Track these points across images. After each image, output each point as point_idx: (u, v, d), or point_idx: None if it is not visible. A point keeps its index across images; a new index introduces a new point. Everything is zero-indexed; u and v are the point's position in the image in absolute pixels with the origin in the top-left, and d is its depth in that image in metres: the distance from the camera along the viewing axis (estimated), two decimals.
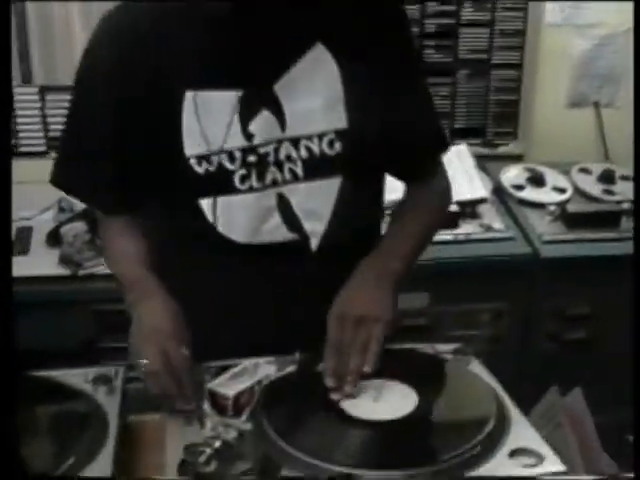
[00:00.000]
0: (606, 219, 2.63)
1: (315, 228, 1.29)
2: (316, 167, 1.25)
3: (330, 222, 1.29)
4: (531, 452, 1.02)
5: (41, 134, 2.70)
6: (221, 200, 1.25)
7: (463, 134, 2.97)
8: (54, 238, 2.30)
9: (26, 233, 2.37)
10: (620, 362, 2.47)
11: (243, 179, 1.24)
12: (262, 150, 1.24)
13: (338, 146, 1.25)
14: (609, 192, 2.75)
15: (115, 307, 2.08)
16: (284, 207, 1.27)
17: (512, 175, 2.79)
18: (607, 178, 2.79)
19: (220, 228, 1.26)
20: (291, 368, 1.19)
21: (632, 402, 1.83)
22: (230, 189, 1.24)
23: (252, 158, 1.23)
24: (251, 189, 1.24)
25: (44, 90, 2.68)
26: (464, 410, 1.11)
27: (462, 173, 2.67)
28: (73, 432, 1.06)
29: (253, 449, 0.97)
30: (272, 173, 1.25)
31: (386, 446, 1.04)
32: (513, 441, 1.04)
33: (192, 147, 1.22)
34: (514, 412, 1.11)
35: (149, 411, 1.18)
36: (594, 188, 2.76)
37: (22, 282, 2.13)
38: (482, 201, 2.63)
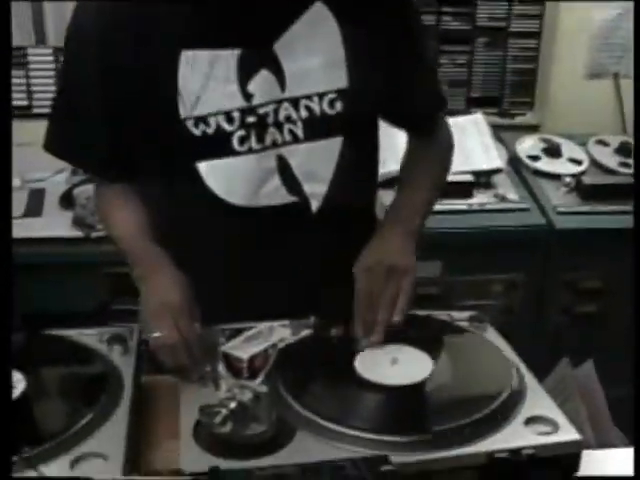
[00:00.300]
0: (622, 192, 2.60)
1: (315, 190, 1.27)
2: (316, 127, 1.23)
3: (331, 184, 1.27)
4: (546, 420, 1.02)
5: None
6: (219, 163, 1.22)
7: (479, 103, 2.95)
8: (67, 200, 2.29)
9: (39, 195, 2.36)
10: (632, 336, 2.47)
11: (242, 140, 1.22)
12: (261, 111, 1.21)
13: (339, 106, 1.23)
14: (626, 165, 2.72)
15: (127, 270, 2.08)
16: (284, 169, 1.25)
17: (528, 146, 2.76)
18: (624, 150, 2.76)
19: (218, 192, 1.24)
20: (306, 332, 1.18)
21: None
22: (228, 151, 1.22)
23: (251, 119, 1.21)
24: (250, 151, 1.22)
25: (58, 51, 2.66)
26: (480, 377, 1.11)
27: (478, 142, 2.64)
28: (88, 391, 1.06)
29: (268, 411, 0.96)
30: (271, 134, 1.22)
31: (401, 410, 1.03)
32: (528, 409, 1.04)
33: (188, 108, 1.19)
34: (530, 380, 1.11)
35: (163, 373, 1.17)
36: (611, 160, 2.73)
37: (35, 243, 2.14)
38: (497, 171, 2.60)
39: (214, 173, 1.23)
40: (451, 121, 2.70)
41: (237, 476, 0.82)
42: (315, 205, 1.28)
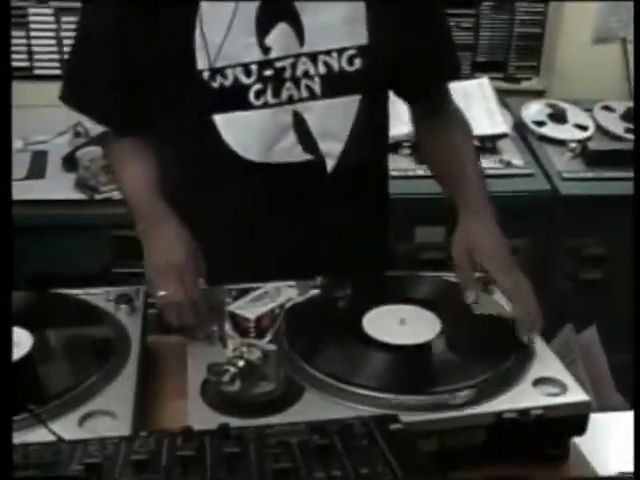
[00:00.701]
0: (628, 158, 2.58)
1: (331, 149, 1.26)
2: (334, 84, 1.22)
3: (347, 143, 1.26)
4: (555, 381, 1.02)
5: (56, 57, 2.65)
6: (235, 116, 1.21)
7: (485, 67, 2.92)
8: (70, 162, 2.28)
9: (41, 157, 2.35)
10: (633, 303, 2.47)
11: (258, 94, 1.21)
12: (279, 64, 1.20)
13: (358, 62, 1.21)
14: (632, 131, 2.70)
15: (132, 233, 2.08)
16: (300, 126, 1.24)
17: (533, 111, 2.73)
18: (630, 117, 2.73)
19: (234, 146, 1.23)
20: (313, 292, 1.17)
21: None
22: (245, 104, 1.21)
23: (268, 72, 1.20)
24: (266, 105, 1.21)
25: (59, 11, 2.63)
26: (488, 338, 1.10)
27: (483, 107, 2.62)
28: (95, 350, 1.06)
29: (276, 370, 0.96)
30: (288, 89, 1.21)
31: (409, 370, 1.03)
32: (537, 371, 1.03)
33: (206, 60, 1.18)
34: (538, 342, 1.10)
35: (170, 332, 1.17)
36: (617, 126, 2.71)
37: (38, 206, 2.13)
38: (502, 136, 2.59)
39: (230, 126, 1.22)
40: (456, 86, 2.69)
41: (246, 433, 0.82)
42: (330, 164, 1.27)
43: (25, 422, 0.90)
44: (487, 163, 2.51)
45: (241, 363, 0.94)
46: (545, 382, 1.01)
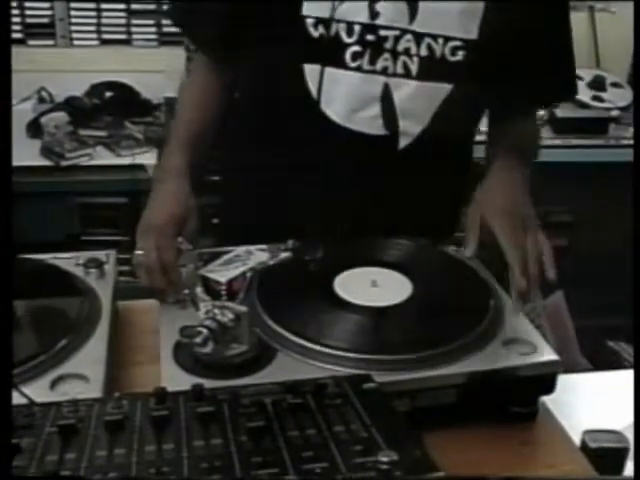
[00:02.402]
0: (594, 126, 2.61)
1: (410, 128, 1.27)
2: (431, 69, 1.22)
3: (427, 126, 1.26)
4: (525, 342, 1.02)
5: (18, 20, 2.60)
6: (327, 70, 1.22)
7: None
8: (34, 128, 2.24)
9: None
10: (599, 270, 2.51)
11: (355, 56, 1.21)
12: (382, 33, 1.20)
13: (461, 55, 1.22)
14: (598, 99, 2.73)
15: (98, 200, 2.07)
16: (387, 100, 1.24)
17: None
18: (597, 85, 2.76)
19: (318, 99, 1.24)
20: (285, 255, 1.17)
21: (612, 313, 1.85)
22: (339, 62, 1.21)
23: (370, 37, 1.20)
24: (359, 69, 1.22)
25: None
26: (460, 299, 1.11)
27: None
28: (65, 313, 1.05)
29: (249, 331, 0.96)
30: (385, 60, 1.21)
31: (380, 331, 1.03)
32: (507, 331, 1.04)
33: (312, 8, 1.19)
34: (508, 303, 1.11)
35: (141, 297, 1.16)
36: (584, 94, 2.74)
37: None
38: None
39: (318, 79, 1.22)
40: None
41: (220, 394, 0.82)
42: (403, 142, 1.27)
43: None
44: None
45: (213, 325, 0.94)
46: (515, 342, 1.02)
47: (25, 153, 2.14)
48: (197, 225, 1.18)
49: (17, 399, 0.86)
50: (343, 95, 1.24)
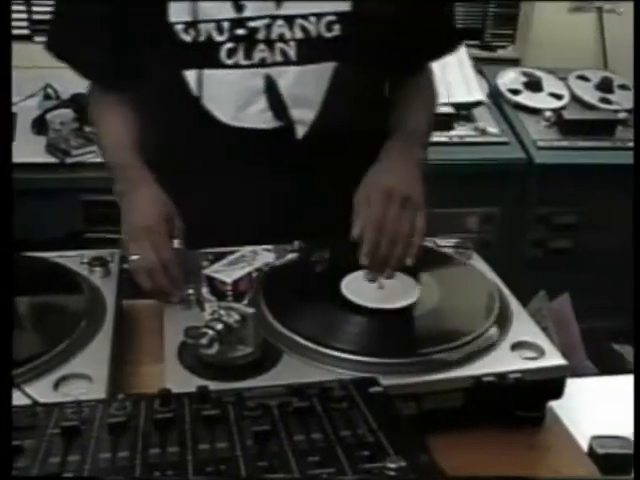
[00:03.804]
0: (602, 127, 2.60)
1: (303, 116, 1.24)
2: (310, 50, 1.20)
3: (320, 111, 1.24)
4: (532, 345, 1.01)
5: (24, 16, 2.59)
6: (207, 73, 1.19)
7: (460, 34, 2.90)
8: (40, 125, 2.23)
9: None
10: (604, 273, 2.49)
11: (230, 53, 1.18)
12: (252, 24, 1.17)
13: (337, 29, 1.19)
14: (606, 100, 2.71)
15: (103, 197, 2.05)
16: (272, 91, 1.21)
17: (509, 79, 2.74)
18: (605, 86, 2.75)
19: (205, 102, 1.21)
20: (291, 256, 1.16)
21: (617, 315, 1.84)
22: (216, 62, 1.19)
23: (241, 31, 1.17)
24: (237, 65, 1.19)
25: None
26: (466, 303, 1.10)
27: (459, 75, 2.62)
28: (70, 313, 1.04)
29: (254, 333, 0.95)
30: (261, 51, 1.19)
31: (387, 334, 1.02)
32: (515, 335, 1.03)
33: (179, 13, 1.16)
34: (515, 306, 1.10)
35: (144, 296, 1.15)
36: (591, 96, 2.72)
37: None
38: (478, 104, 2.59)
39: (201, 83, 1.20)
40: None
41: (225, 396, 0.81)
42: (301, 131, 1.25)
43: None
44: (462, 130, 2.51)
45: (219, 326, 0.93)
46: (523, 346, 1.01)
47: (30, 150, 2.13)
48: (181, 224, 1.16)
49: (20, 399, 0.85)
50: (227, 96, 1.21)
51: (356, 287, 1.09)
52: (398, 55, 1.29)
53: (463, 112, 2.55)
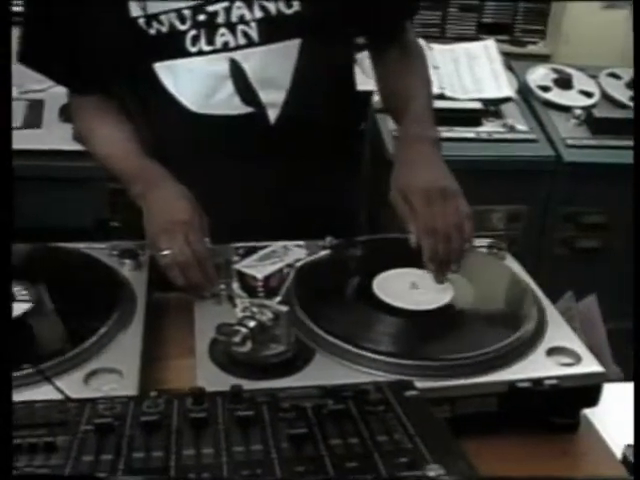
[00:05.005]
0: (632, 126, 2.55)
1: (273, 98, 1.22)
2: (273, 29, 1.18)
3: (290, 91, 1.21)
4: (568, 351, 1.00)
5: None
6: (174, 64, 1.19)
7: (491, 30, 2.88)
8: (67, 112, 2.22)
9: (38, 106, 2.30)
10: (632, 274, 2.46)
11: (194, 41, 1.17)
12: (211, 9, 1.16)
13: (296, 4, 1.17)
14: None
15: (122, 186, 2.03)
16: (237, 75, 1.19)
17: (539, 76, 2.70)
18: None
19: (176, 95, 1.20)
20: (323, 252, 1.14)
21: None
22: (181, 52, 1.18)
23: (201, 17, 1.16)
24: (201, 52, 1.18)
25: None
26: (502, 305, 1.08)
27: (488, 70, 2.59)
28: (100, 306, 1.03)
29: (287, 332, 0.94)
30: (223, 35, 1.17)
31: (421, 335, 1.01)
32: (550, 340, 1.01)
33: (139, 7, 1.15)
34: (550, 310, 1.08)
35: (174, 290, 1.13)
36: (622, 94, 2.68)
37: (34, 156, 2.08)
38: (507, 100, 2.55)
39: (170, 75, 1.19)
40: (461, 47, 2.66)
41: (259, 396, 0.79)
42: (273, 115, 1.22)
43: (29, 379, 0.88)
44: (490, 127, 2.48)
45: (252, 324, 0.91)
46: (559, 351, 0.99)
47: (58, 137, 2.13)
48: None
49: (51, 393, 0.85)
50: (195, 84, 1.20)
51: (388, 286, 1.07)
52: (362, 24, 1.27)
53: (492, 108, 2.52)
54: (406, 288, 1.07)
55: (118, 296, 1.05)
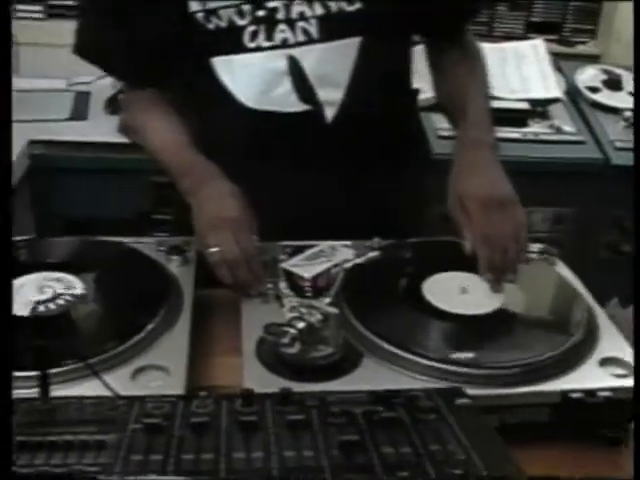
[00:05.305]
0: None
1: (331, 96, 1.21)
2: (333, 26, 1.16)
3: (348, 89, 1.20)
4: (622, 362, 0.97)
5: None
6: (231, 59, 1.18)
7: (539, 29, 2.83)
8: (113, 105, 2.23)
9: (84, 98, 2.31)
10: None
11: (252, 36, 1.16)
12: (271, 4, 1.15)
13: (358, 2, 1.15)
14: None
15: (171, 179, 2.03)
16: (296, 72, 1.18)
17: (587, 76, 2.64)
18: None
19: (232, 90, 1.20)
20: (372, 254, 1.13)
21: None
22: (239, 47, 1.17)
23: (261, 13, 1.15)
24: (259, 48, 1.17)
25: None
26: (554, 312, 1.06)
27: (536, 70, 2.55)
28: (147, 301, 1.03)
29: (336, 334, 0.92)
30: (282, 32, 1.17)
31: (470, 341, 0.99)
32: (603, 350, 0.99)
33: (198, 3, 1.15)
34: (602, 318, 1.06)
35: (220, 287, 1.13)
36: None
37: (79, 148, 2.09)
38: (555, 101, 2.51)
39: (227, 70, 1.19)
40: (509, 46, 2.61)
41: (308, 399, 0.78)
42: (330, 113, 1.21)
43: (75, 373, 0.88)
44: (537, 127, 2.44)
45: (301, 325, 0.90)
46: (612, 362, 0.97)
47: (103, 129, 2.13)
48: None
49: (98, 389, 0.84)
50: (252, 80, 1.19)
51: (438, 290, 1.05)
52: (423, 23, 1.26)
53: (539, 109, 2.48)
54: (456, 292, 1.06)
55: (166, 293, 1.04)
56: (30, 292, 1.00)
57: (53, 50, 2.43)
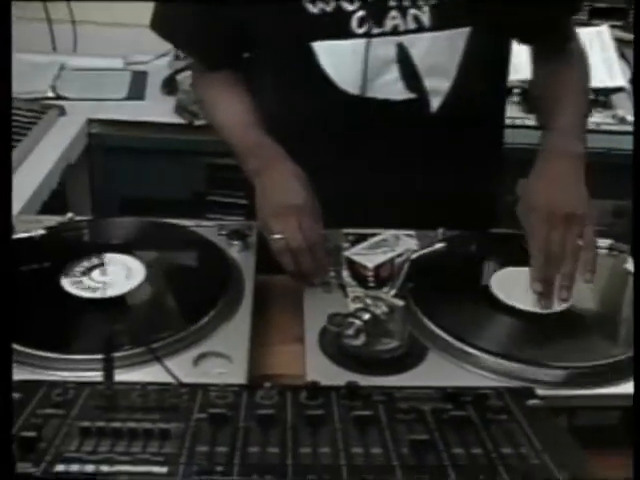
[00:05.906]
0: None
1: (438, 86, 1.18)
2: (445, 15, 1.13)
3: (456, 80, 1.18)
4: None
5: None
6: (336, 44, 1.15)
7: (604, 14, 2.74)
8: (170, 85, 2.22)
9: (141, 78, 2.30)
10: None
11: (361, 22, 1.13)
12: None
13: None
14: None
15: (227, 161, 2.03)
16: (404, 60, 1.16)
17: None
18: None
19: (333, 76, 1.17)
20: (438, 245, 1.10)
21: None
22: (346, 32, 1.14)
23: None
24: (368, 34, 1.14)
25: None
26: (623, 311, 1.02)
27: (600, 58, 2.48)
28: (209, 286, 1.02)
29: (402, 327, 0.90)
30: (393, 18, 1.13)
31: (539, 339, 0.96)
32: None
33: None
34: None
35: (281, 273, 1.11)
36: None
37: (136, 127, 2.09)
38: (619, 90, 2.44)
39: (330, 55, 1.16)
40: None
41: (375, 394, 0.76)
42: (436, 103, 1.19)
43: (137, 358, 0.87)
44: (599, 117, 2.38)
45: (366, 316, 0.88)
46: None
47: (159, 110, 2.12)
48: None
49: (159, 374, 0.84)
50: (357, 66, 1.15)
51: (506, 285, 1.02)
52: (535, 19, 1.22)
53: (601, 98, 2.41)
54: (524, 288, 1.02)
55: (228, 279, 1.03)
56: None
57: (111, 28, 2.43)
